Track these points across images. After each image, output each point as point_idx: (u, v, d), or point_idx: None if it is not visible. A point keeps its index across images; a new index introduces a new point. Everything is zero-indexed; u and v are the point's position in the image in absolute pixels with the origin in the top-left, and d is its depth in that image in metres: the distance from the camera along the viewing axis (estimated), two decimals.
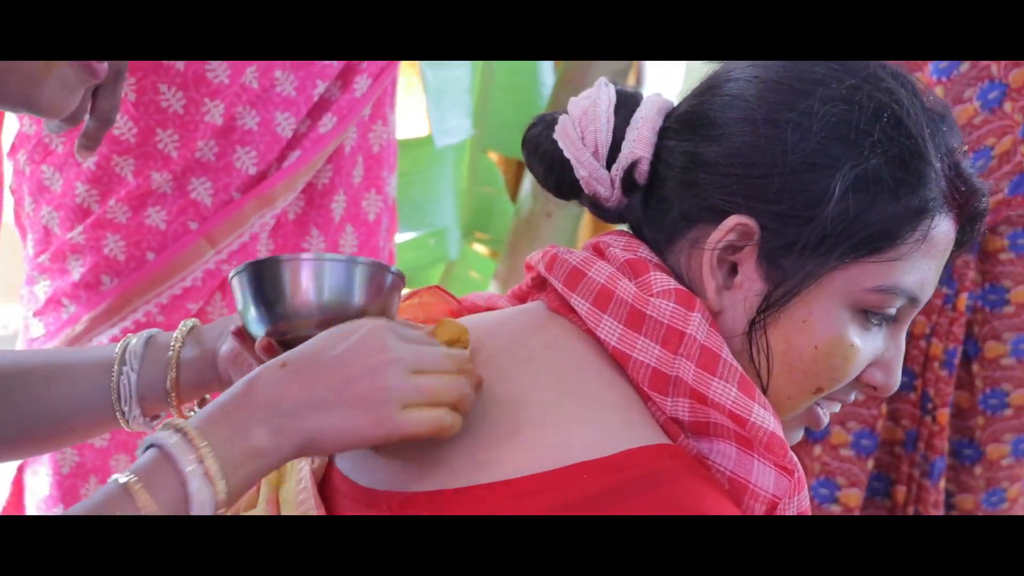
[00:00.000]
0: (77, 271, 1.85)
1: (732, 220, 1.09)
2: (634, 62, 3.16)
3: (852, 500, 2.09)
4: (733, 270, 1.11)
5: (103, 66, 1.08)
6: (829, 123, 1.07)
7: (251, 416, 1.00)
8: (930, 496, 2.06)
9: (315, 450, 1.01)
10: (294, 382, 1.01)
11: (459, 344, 1.09)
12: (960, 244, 1.13)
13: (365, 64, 1.89)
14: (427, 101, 2.96)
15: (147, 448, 0.99)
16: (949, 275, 2.02)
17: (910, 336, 2.04)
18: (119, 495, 0.96)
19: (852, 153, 1.07)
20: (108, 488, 0.97)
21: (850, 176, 1.06)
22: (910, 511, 2.09)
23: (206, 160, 1.83)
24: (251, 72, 1.81)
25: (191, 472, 0.97)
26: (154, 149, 1.81)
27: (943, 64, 1.96)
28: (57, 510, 1.87)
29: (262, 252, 1.88)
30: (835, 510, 2.09)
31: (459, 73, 3.02)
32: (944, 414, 2.04)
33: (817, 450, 2.08)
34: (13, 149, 1.91)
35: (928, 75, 1.97)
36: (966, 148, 1.13)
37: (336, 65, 1.88)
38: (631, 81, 3.29)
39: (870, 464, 2.09)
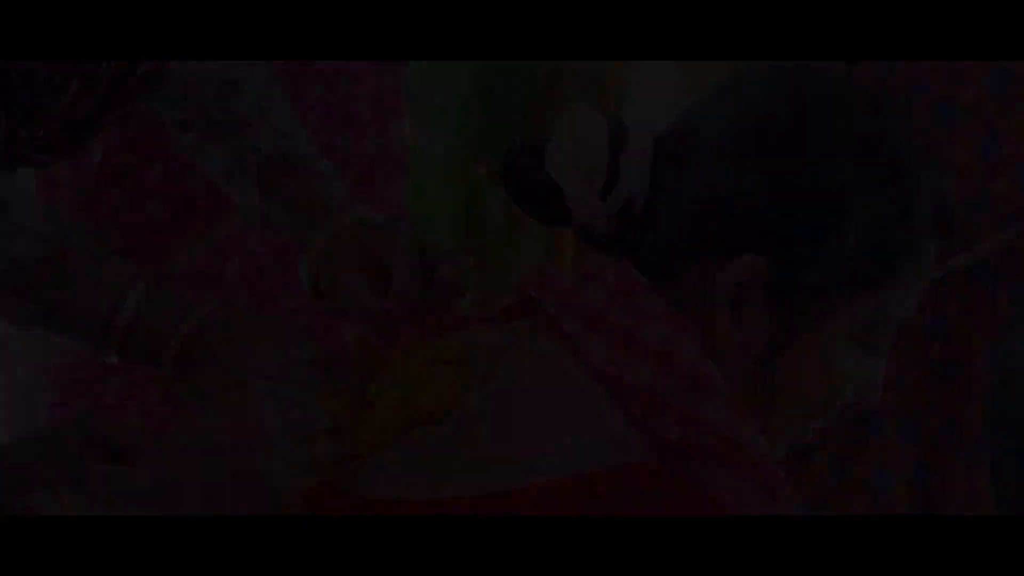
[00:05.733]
0: None
1: (743, 260, 1.09)
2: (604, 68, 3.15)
3: None
4: (739, 305, 1.11)
5: None
6: (842, 163, 1.09)
7: None
8: None
9: None
10: None
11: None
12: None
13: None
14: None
15: None
16: None
17: None
18: None
19: (862, 191, 1.09)
20: None
21: (861, 215, 1.08)
22: None
23: None
24: None
25: None
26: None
27: None
28: None
29: None
30: None
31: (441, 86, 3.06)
32: None
33: None
34: None
35: None
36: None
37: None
38: (611, 88, 3.26)
39: None
